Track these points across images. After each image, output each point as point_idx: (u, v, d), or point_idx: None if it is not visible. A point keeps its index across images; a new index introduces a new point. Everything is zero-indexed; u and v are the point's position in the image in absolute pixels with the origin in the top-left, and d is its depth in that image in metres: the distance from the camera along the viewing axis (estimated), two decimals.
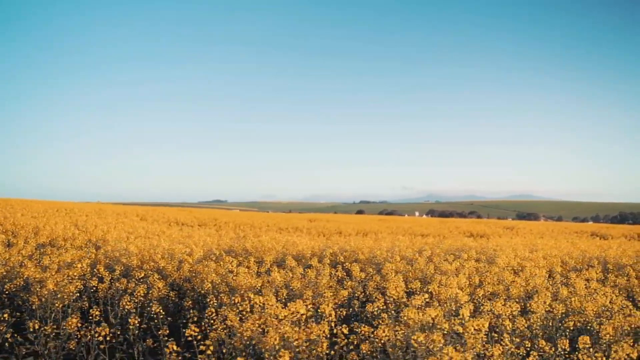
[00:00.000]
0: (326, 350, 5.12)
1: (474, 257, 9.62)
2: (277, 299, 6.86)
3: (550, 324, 6.74)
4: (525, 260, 10.28)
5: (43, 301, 6.87)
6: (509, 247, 12.55)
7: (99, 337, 5.22)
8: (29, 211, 24.92)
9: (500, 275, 8.53)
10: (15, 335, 6.26)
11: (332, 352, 4.95)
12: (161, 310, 6.24)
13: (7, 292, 7.57)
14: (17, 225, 14.15)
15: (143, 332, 6.95)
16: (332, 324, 5.73)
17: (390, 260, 8.64)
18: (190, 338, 4.57)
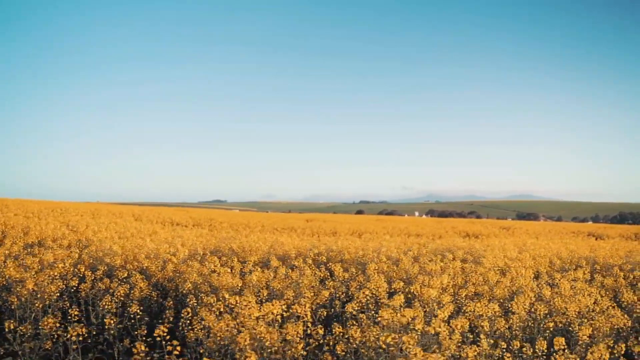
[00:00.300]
0: (301, 352, 5.09)
1: (460, 258, 9.59)
2: (259, 299, 6.85)
3: (532, 325, 6.72)
4: (513, 260, 10.26)
5: (23, 301, 6.84)
6: (499, 247, 12.53)
7: (74, 337, 5.18)
8: (24, 211, 24.88)
9: (486, 275, 8.51)
10: None
11: (304, 353, 4.92)
12: (139, 310, 6.20)
13: None
14: (7, 225, 14.11)
15: (126, 332, 6.92)
16: (309, 324, 5.72)
17: (374, 261, 8.61)
18: (159, 338, 4.54)
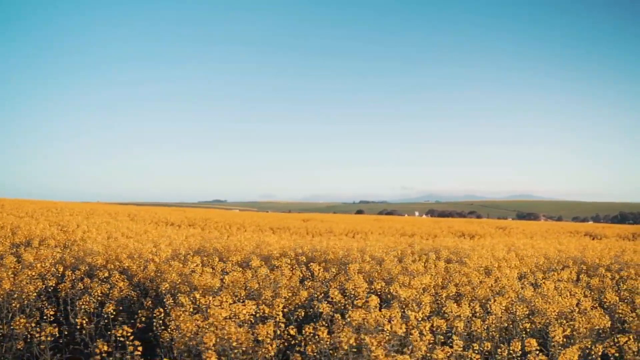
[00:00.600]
0: (272, 352, 5.06)
1: (444, 258, 9.55)
2: (237, 299, 6.81)
3: (511, 326, 6.67)
4: (500, 260, 10.21)
5: (0, 301, 6.81)
6: (489, 247, 12.48)
7: (43, 337, 5.15)
8: (19, 211, 24.89)
9: (469, 275, 8.47)
10: None
11: (273, 353, 4.88)
12: (112, 310, 6.17)
13: None
14: None
15: (107, 332, 6.88)
16: (282, 325, 5.68)
17: (356, 261, 8.58)
18: (122, 338, 4.51)
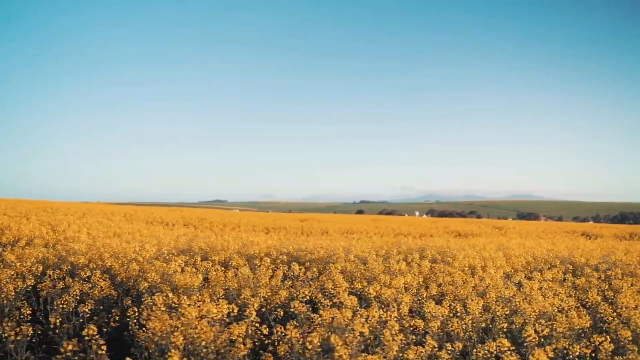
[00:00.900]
0: (244, 352, 5.04)
1: (429, 257, 9.51)
2: (217, 298, 6.79)
3: (490, 326, 6.64)
4: (487, 260, 10.17)
5: None
6: (477, 246, 12.44)
7: (12, 336, 5.13)
8: (14, 210, 24.87)
9: (453, 275, 8.44)
10: None
11: (245, 353, 4.85)
12: (87, 310, 6.15)
13: None
14: None
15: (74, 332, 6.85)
16: (256, 325, 5.66)
17: (340, 260, 8.55)
18: (87, 337, 4.49)
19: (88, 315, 6.21)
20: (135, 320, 5.78)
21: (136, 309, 5.84)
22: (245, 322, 5.19)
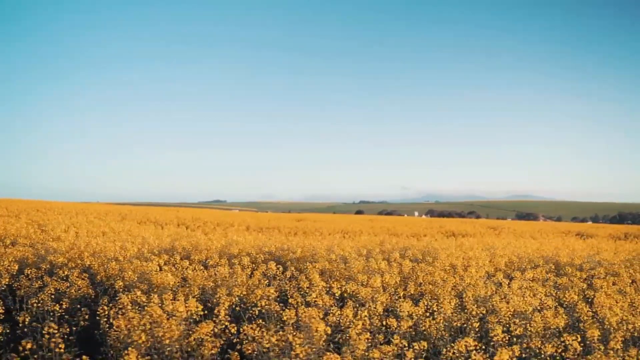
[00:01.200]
0: (212, 350, 5.02)
1: (409, 257, 9.51)
2: (193, 297, 6.78)
3: (464, 325, 6.63)
4: (470, 259, 10.17)
5: None
6: (465, 246, 12.44)
7: None
8: (7, 210, 24.88)
9: (433, 274, 8.43)
10: None
11: (212, 351, 4.84)
12: (57, 308, 6.14)
13: None
14: None
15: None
16: (226, 324, 5.65)
17: (321, 259, 8.54)
18: (47, 336, 4.48)
19: (60, 314, 6.19)
20: (106, 319, 5.76)
21: (106, 308, 5.83)
22: (212, 320, 5.18)
